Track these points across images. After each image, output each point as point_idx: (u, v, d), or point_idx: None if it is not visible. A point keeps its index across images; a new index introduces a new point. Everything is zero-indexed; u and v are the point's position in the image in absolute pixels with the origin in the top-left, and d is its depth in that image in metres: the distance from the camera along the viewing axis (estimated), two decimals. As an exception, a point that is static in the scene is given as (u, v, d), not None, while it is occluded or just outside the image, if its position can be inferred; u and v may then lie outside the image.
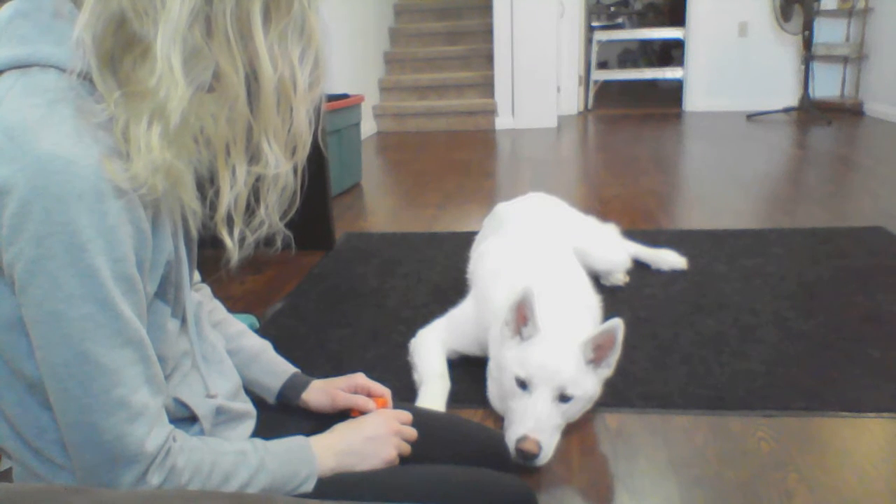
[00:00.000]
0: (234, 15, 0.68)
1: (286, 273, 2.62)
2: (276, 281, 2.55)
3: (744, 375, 1.77)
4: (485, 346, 1.75)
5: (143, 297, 0.71)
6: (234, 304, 2.34)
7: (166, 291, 0.77)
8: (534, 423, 1.42)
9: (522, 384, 1.49)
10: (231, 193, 0.73)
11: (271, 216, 0.77)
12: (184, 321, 0.83)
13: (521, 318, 1.55)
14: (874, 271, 2.42)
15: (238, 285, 2.51)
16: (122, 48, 0.67)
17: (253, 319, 2.14)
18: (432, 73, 6.48)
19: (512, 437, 1.42)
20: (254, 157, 0.74)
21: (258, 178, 0.75)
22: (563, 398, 1.47)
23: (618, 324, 1.48)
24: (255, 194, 0.76)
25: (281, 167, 0.75)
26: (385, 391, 1.08)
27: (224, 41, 0.68)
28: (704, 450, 1.50)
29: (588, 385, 1.50)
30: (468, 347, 1.85)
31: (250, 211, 0.75)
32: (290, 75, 0.73)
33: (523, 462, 1.40)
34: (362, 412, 1.03)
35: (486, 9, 6.21)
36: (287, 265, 2.68)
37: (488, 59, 6.23)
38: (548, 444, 1.42)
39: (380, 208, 3.68)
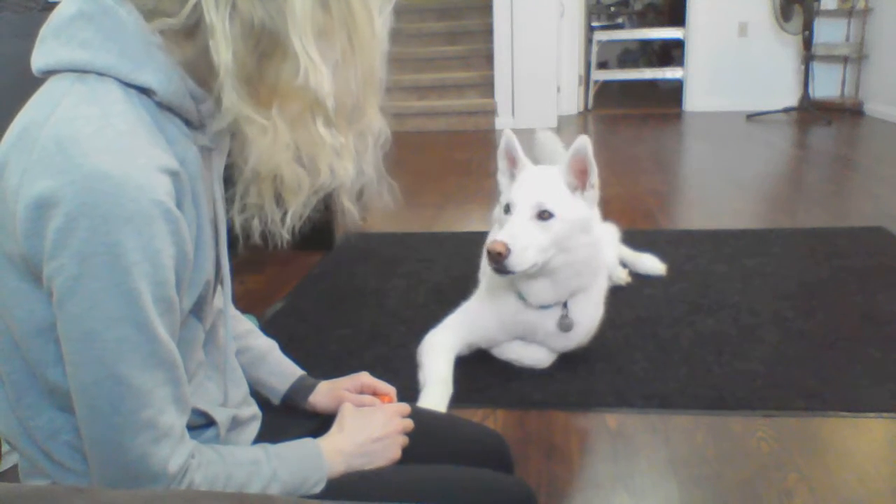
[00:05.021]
0: None
1: (286, 273, 2.62)
2: (276, 281, 2.55)
3: (744, 375, 1.77)
4: None
5: (179, 317, 0.70)
6: (234, 305, 2.34)
7: (202, 308, 0.77)
8: (507, 231, 1.56)
9: (508, 210, 1.62)
10: (357, 159, 0.76)
11: (380, 168, 0.81)
12: (206, 332, 0.82)
13: (511, 161, 1.71)
14: (874, 271, 2.42)
15: (238, 285, 2.51)
16: (257, 62, 0.67)
17: (253, 319, 2.14)
18: (432, 73, 6.47)
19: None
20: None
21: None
22: (544, 216, 1.58)
23: (584, 140, 1.60)
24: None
25: (381, 123, 0.78)
26: (391, 389, 1.08)
27: (345, 6, 0.69)
28: (704, 450, 1.50)
29: (573, 207, 1.63)
30: (485, 340, 1.87)
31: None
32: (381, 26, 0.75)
33: (495, 267, 1.53)
34: None
35: (486, 9, 6.20)
36: (287, 265, 2.68)
37: (488, 59, 6.23)
38: (521, 253, 1.54)
39: (380, 208, 3.68)
